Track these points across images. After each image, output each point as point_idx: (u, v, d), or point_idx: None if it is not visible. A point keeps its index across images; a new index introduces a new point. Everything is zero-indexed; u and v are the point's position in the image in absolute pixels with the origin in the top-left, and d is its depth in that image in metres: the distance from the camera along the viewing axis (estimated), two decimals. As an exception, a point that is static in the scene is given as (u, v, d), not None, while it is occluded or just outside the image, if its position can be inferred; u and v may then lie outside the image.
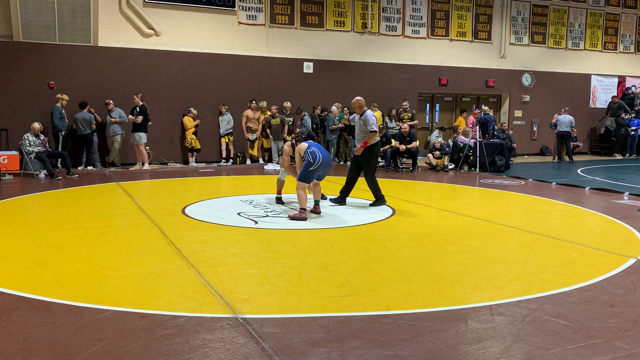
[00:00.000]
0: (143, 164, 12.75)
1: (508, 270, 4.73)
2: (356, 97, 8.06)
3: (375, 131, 7.73)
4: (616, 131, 17.85)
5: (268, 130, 14.13)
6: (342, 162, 14.77)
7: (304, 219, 6.75)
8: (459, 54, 17.02)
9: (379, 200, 7.99)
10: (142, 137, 12.64)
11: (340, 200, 8.11)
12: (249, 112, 13.99)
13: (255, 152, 14.37)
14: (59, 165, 12.31)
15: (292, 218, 6.85)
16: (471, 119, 15.56)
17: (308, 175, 7.01)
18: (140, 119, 12.43)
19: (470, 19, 17.06)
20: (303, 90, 15.05)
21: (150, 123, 12.86)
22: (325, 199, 8.29)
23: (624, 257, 5.15)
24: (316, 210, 7.20)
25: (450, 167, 13.46)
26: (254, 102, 14.01)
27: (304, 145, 7.27)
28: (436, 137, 13.77)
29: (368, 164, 7.96)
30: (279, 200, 8.08)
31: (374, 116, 7.83)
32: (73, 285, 4.19)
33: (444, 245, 5.64)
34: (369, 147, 7.84)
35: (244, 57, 14.38)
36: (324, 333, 3.31)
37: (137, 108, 12.51)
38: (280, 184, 8.15)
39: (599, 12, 18.95)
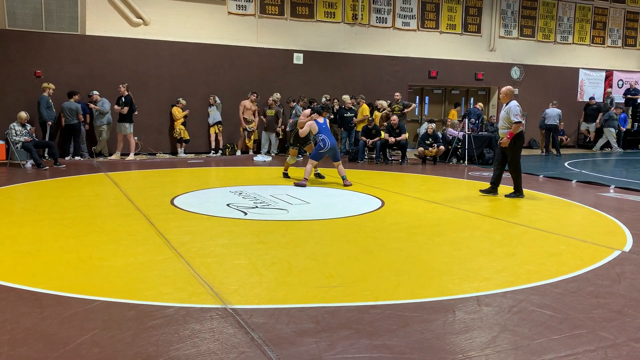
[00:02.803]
0: (128, 154, 12.70)
1: (495, 261, 4.77)
2: (507, 86, 8.16)
3: (519, 122, 7.77)
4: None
5: (263, 118, 14.06)
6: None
7: (304, 186, 8.75)
8: (448, 46, 17.03)
9: (517, 192, 8.06)
10: (128, 127, 12.57)
11: (492, 190, 8.28)
12: (246, 102, 13.82)
13: (250, 144, 14.22)
14: (46, 155, 12.19)
15: (295, 184, 8.85)
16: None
17: (318, 155, 9.10)
18: (126, 109, 12.35)
19: (460, 11, 17.07)
20: (293, 82, 14.99)
21: (136, 113, 12.77)
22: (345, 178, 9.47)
23: (610, 249, 5.22)
24: (345, 183, 8.95)
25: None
26: (254, 94, 13.88)
27: (315, 127, 9.01)
28: (429, 124, 13.52)
29: (513, 154, 8.01)
30: (285, 175, 9.84)
31: (517, 106, 7.86)
32: (61, 276, 4.17)
33: (432, 236, 5.68)
34: (513, 137, 7.91)
35: (233, 47, 14.28)
36: (313, 323, 3.33)
37: (123, 98, 12.42)
38: (287, 166, 9.86)
39: (587, 6, 19.04)
